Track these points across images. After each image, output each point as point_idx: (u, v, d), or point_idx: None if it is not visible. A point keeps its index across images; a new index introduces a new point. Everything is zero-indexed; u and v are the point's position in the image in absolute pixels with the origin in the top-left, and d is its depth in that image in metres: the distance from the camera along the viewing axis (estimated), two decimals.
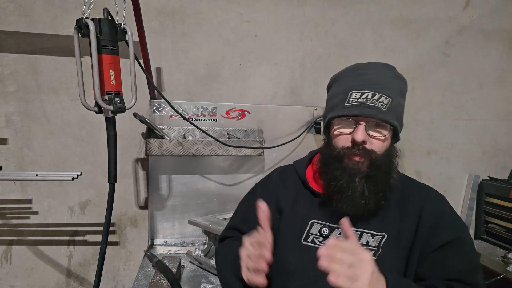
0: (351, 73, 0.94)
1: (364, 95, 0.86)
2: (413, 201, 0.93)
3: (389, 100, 0.86)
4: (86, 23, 1.06)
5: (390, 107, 0.86)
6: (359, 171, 0.87)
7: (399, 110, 0.90)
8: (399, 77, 0.94)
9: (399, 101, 0.90)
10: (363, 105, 0.85)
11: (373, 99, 0.85)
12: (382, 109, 0.85)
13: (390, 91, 0.88)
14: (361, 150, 0.86)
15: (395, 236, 0.90)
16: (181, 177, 1.77)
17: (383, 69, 0.94)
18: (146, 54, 1.51)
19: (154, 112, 1.71)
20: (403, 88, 0.94)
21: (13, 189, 1.73)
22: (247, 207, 1.08)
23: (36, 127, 1.71)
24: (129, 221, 1.85)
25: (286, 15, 1.86)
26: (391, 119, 0.86)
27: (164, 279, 1.28)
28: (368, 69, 0.94)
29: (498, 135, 2.17)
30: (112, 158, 1.23)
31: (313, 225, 0.96)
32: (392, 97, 0.87)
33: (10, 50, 1.64)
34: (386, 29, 1.97)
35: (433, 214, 0.90)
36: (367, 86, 0.88)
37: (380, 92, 0.86)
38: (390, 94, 0.87)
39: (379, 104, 0.85)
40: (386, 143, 0.90)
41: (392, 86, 0.90)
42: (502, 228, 1.97)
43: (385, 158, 0.89)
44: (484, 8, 2.05)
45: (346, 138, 0.89)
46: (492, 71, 2.11)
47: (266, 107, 1.83)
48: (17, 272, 1.79)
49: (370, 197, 0.87)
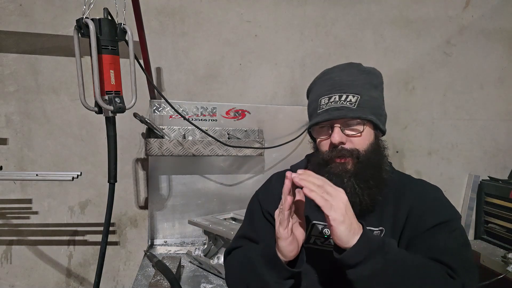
0: (319, 81, 0.98)
1: (331, 98, 0.90)
2: (406, 194, 0.94)
3: (357, 97, 0.88)
4: (86, 23, 1.05)
5: (360, 103, 0.88)
6: (345, 172, 0.88)
7: (372, 103, 0.91)
8: (366, 71, 0.95)
9: (371, 95, 0.91)
10: (332, 108, 0.88)
11: (341, 100, 0.89)
12: (351, 108, 0.87)
13: (357, 88, 0.90)
14: (341, 151, 0.88)
15: (391, 230, 0.91)
16: (181, 177, 1.77)
17: (347, 69, 0.95)
18: (146, 54, 1.51)
19: (154, 112, 1.71)
20: (373, 81, 0.94)
21: (13, 189, 1.73)
22: (251, 214, 1.08)
23: (36, 127, 1.71)
24: (129, 221, 1.85)
25: (286, 15, 1.86)
26: (363, 115, 0.87)
27: (164, 279, 1.28)
28: (333, 72, 0.96)
29: (499, 135, 2.17)
30: (112, 158, 1.23)
31: (314, 226, 0.97)
32: (360, 93, 0.89)
33: (10, 50, 1.64)
34: (387, 29, 1.97)
35: (421, 201, 0.91)
36: (333, 90, 0.91)
37: (346, 92, 0.89)
38: (357, 92, 0.89)
39: (347, 103, 0.88)
40: (367, 138, 0.90)
41: (358, 82, 0.91)
42: (502, 228, 1.97)
43: (370, 153, 0.90)
44: (484, 8, 2.05)
45: (326, 142, 0.92)
46: (492, 71, 2.11)
47: (266, 107, 1.82)
48: (17, 272, 1.79)
49: (363, 193, 0.88)
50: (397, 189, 0.95)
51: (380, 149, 0.93)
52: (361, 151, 0.89)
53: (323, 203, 0.73)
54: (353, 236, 0.74)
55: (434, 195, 0.93)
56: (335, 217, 0.73)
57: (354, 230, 0.75)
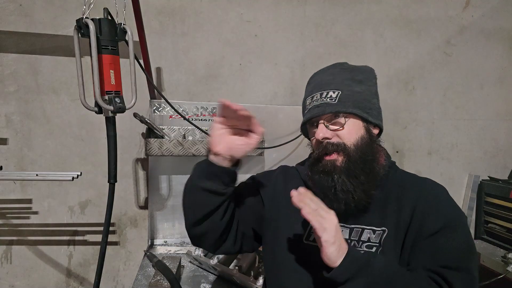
0: (307, 86, 1.01)
1: (314, 98, 0.93)
2: (409, 193, 0.92)
3: (338, 92, 0.90)
4: (86, 23, 1.05)
5: (341, 98, 0.89)
6: (334, 168, 0.89)
7: (356, 97, 0.91)
8: (349, 69, 0.96)
9: (353, 89, 0.91)
10: (313, 107, 0.92)
11: (321, 98, 0.91)
12: (331, 103, 0.89)
13: (337, 84, 0.91)
14: (327, 146, 0.89)
15: (394, 230, 0.90)
16: (181, 177, 1.77)
17: (330, 69, 0.97)
18: (146, 54, 1.51)
19: (154, 112, 1.71)
20: (356, 76, 0.94)
21: (13, 189, 1.73)
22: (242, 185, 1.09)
23: (36, 127, 1.71)
24: (129, 221, 1.85)
25: (286, 15, 1.86)
26: (343, 108, 0.88)
27: (164, 279, 1.28)
28: (317, 74, 0.99)
29: (499, 135, 2.17)
30: (112, 158, 1.23)
31: None
32: (341, 88, 0.90)
33: (10, 50, 1.64)
34: (387, 29, 1.97)
35: (426, 201, 0.89)
36: (314, 89, 0.94)
37: (326, 89, 0.91)
38: (337, 87, 0.91)
39: (327, 99, 0.90)
40: (355, 132, 0.90)
41: (339, 79, 0.93)
42: (502, 228, 1.97)
43: (361, 148, 0.90)
44: (484, 8, 2.05)
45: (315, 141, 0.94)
46: (492, 71, 2.11)
47: (266, 107, 1.82)
48: (17, 272, 1.79)
49: (356, 189, 0.88)
50: (400, 188, 0.93)
51: (372, 143, 0.92)
52: (349, 145, 0.89)
53: (318, 225, 0.77)
54: (341, 256, 0.78)
55: (439, 197, 0.91)
56: (326, 239, 0.76)
57: (342, 250, 0.78)
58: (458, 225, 0.87)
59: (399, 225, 0.89)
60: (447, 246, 0.84)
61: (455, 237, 0.85)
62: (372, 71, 0.98)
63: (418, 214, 0.88)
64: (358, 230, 0.91)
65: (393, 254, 0.88)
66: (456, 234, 0.85)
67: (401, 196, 0.92)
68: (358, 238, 0.91)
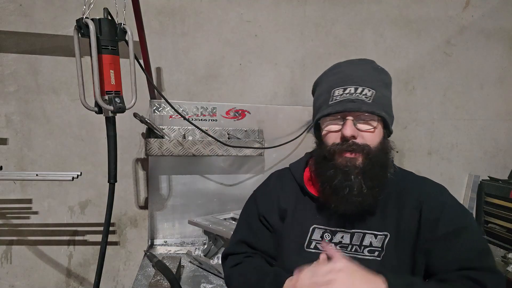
0: (331, 73, 0.94)
1: (346, 90, 0.86)
2: (410, 195, 0.91)
3: (372, 92, 0.85)
4: (86, 23, 1.05)
5: (375, 98, 0.85)
6: (354, 167, 0.84)
7: (385, 101, 0.89)
8: (379, 69, 0.93)
9: (383, 93, 0.89)
10: (346, 100, 0.85)
11: (356, 93, 0.85)
12: (367, 101, 0.84)
13: (372, 83, 0.87)
14: (352, 145, 0.84)
15: (396, 234, 0.88)
16: (181, 177, 1.77)
17: (362, 64, 0.93)
18: (146, 54, 1.51)
19: (154, 112, 1.71)
20: (386, 80, 0.92)
21: (13, 189, 1.73)
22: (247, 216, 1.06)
23: (36, 127, 1.71)
24: (129, 221, 1.85)
25: (286, 15, 1.86)
26: (377, 110, 0.84)
27: (164, 279, 1.27)
28: (346, 66, 0.93)
29: (499, 135, 2.17)
30: (112, 158, 1.23)
31: (315, 230, 0.94)
32: (376, 88, 0.86)
33: (10, 50, 1.64)
34: (387, 29, 1.97)
35: (433, 208, 0.87)
36: (348, 82, 0.87)
37: (362, 85, 0.86)
38: (372, 86, 0.86)
39: (362, 96, 0.84)
40: (378, 136, 0.88)
41: (374, 78, 0.89)
42: (502, 228, 1.97)
43: (379, 152, 0.87)
44: (484, 8, 2.05)
45: (335, 135, 0.87)
46: (492, 71, 2.11)
47: (266, 107, 1.82)
48: (17, 272, 1.79)
49: (367, 193, 0.85)
50: (399, 189, 0.92)
51: (387, 149, 0.90)
52: (372, 147, 0.85)
53: None
54: None
55: (444, 199, 0.90)
56: None
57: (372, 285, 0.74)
58: (468, 226, 0.86)
59: (403, 229, 0.88)
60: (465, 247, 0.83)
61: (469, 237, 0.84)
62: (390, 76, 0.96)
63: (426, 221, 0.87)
64: (360, 235, 0.90)
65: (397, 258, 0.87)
66: (469, 234, 0.85)
67: (401, 199, 0.91)
68: (360, 243, 0.90)
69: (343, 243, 0.91)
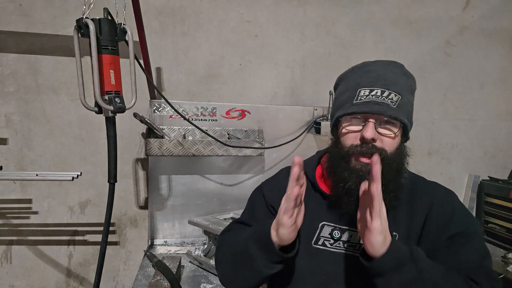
0: (359, 71, 0.92)
1: (373, 92, 0.85)
2: (421, 199, 0.91)
3: (398, 97, 0.84)
4: (86, 23, 1.05)
5: (400, 104, 0.84)
6: (368, 172, 0.82)
7: (409, 107, 0.88)
8: (408, 74, 0.92)
9: (409, 99, 0.88)
10: (373, 102, 0.83)
11: (383, 96, 0.84)
12: (392, 106, 0.83)
13: (399, 88, 0.86)
14: (370, 148, 0.83)
15: (405, 236, 0.88)
16: (181, 177, 1.77)
17: (391, 66, 0.91)
18: (146, 54, 1.51)
19: (154, 112, 1.71)
20: (413, 85, 0.92)
21: (13, 189, 1.73)
22: (252, 204, 1.07)
23: (36, 127, 1.70)
24: (129, 221, 1.85)
25: (287, 15, 1.86)
26: (401, 116, 0.84)
27: (164, 279, 1.28)
28: (376, 66, 0.91)
29: (499, 135, 2.17)
30: (112, 158, 1.23)
31: (324, 227, 0.94)
32: (402, 94, 0.85)
33: (10, 50, 1.64)
34: (387, 29, 1.97)
35: (442, 212, 0.88)
36: (376, 83, 0.86)
37: (389, 89, 0.85)
38: (399, 91, 0.85)
39: (388, 101, 0.83)
40: (397, 141, 0.87)
41: (401, 83, 0.88)
42: (502, 228, 1.97)
43: (395, 157, 0.86)
44: (484, 8, 2.04)
45: (355, 136, 0.86)
46: (492, 71, 2.11)
47: (266, 107, 1.82)
48: (17, 272, 1.79)
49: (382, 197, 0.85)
50: (411, 193, 0.92)
51: (403, 155, 0.90)
52: (389, 153, 0.85)
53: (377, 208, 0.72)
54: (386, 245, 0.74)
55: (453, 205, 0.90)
56: (376, 226, 0.72)
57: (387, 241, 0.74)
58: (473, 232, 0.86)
59: (411, 232, 0.88)
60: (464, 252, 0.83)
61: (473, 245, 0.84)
62: None
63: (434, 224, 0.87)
64: None
65: None
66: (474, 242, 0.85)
67: (412, 202, 0.91)
68: None
69: (351, 242, 0.92)
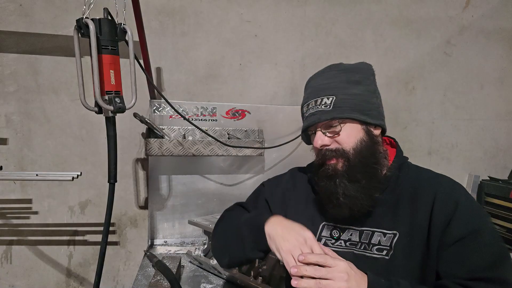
0: (304, 90, 1.00)
1: (310, 105, 0.93)
2: (424, 193, 0.88)
3: (332, 98, 0.89)
4: (86, 23, 1.05)
5: (335, 103, 0.89)
6: (335, 172, 0.89)
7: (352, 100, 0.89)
8: (345, 69, 0.94)
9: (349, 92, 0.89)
10: (309, 115, 0.92)
11: (316, 105, 0.91)
12: (326, 110, 0.89)
13: (332, 90, 0.90)
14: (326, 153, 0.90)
15: (407, 234, 0.86)
16: (181, 177, 1.77)
17: (325, 72, 0.96)
18: (146, 54, 1.51)
19: (154, 112, 1.71)
20: (352, 77, 0.92)
21: (13, 189, 1.73)
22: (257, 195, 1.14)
23: (36, 127, 1.71)
24: (129, 221, 1.85)
25: (286, 15, 1.86)
26: (338, 115, 0.88)
27: (164, 279, 1.27)
28: (312, 79, 0.98)
29: (499, 135, 2.17)
30: (112, 158, 1.22)
31: (325, 227, 0.97)
32: (335, 93, 0.89)
33: (10, 50, 1.64)
34: (387, 29, 1.97)
35: (446, 206, 0.84)
36: (310, 96, 0.94)
37: (320, 95, 0.91)
38: (331, 93, 0.90)
39: (322, 107, 0.90)
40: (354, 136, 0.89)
41: (334, 82, 0.91)
42: (502, 228, 1.97)
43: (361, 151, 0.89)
44: (484, 8, 2.05)
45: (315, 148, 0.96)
46: (492, 71, 2.11)
47: (266, 107, 1.82)
48: (17, 272, 1.79)
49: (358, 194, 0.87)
50: (413, 189, 0.90)
51: (373, 145, 0.91)
52: (348, 149, 0.88)
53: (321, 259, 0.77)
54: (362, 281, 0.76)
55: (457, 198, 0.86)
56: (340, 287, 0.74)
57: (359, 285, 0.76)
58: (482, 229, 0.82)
59: (415, 229, 0.86)
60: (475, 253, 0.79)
61: (482, 242, 0.80)
62: (369, 68, 0.96)
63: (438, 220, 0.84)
64: (368, 233, 0.91)
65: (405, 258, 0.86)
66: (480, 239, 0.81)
67: (415, 198, 0.89)
68: (369, 241, 0.90)
69: (352, 240, 0.93)
